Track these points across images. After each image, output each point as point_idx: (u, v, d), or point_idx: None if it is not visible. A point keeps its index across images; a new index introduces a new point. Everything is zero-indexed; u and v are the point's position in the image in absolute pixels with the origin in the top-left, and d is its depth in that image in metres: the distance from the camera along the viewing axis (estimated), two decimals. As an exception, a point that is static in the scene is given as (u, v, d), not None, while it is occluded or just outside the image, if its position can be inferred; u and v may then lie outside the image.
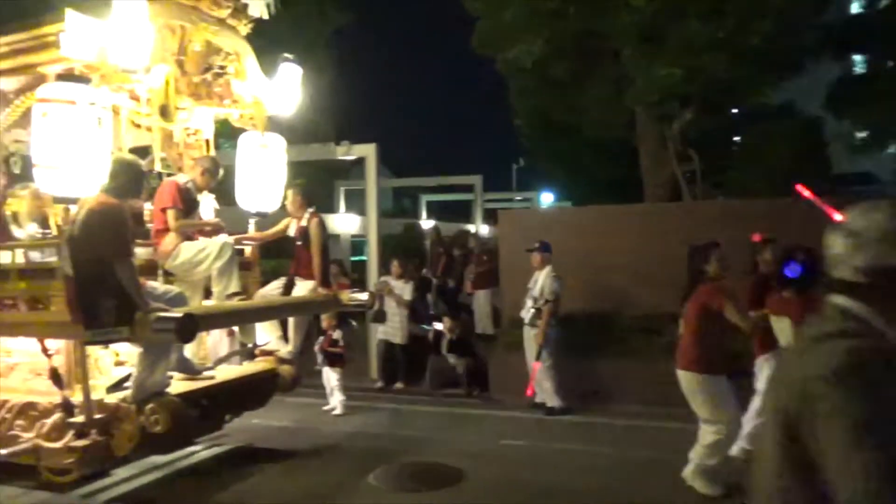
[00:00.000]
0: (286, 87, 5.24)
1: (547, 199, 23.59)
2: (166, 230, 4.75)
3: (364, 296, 5.46)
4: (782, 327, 4.34)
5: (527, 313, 6.54)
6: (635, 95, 8.91)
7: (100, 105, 3.92)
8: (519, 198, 24.61)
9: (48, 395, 4.23)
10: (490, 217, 16.19)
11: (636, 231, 7.54)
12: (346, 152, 8.48)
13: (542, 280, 6.52)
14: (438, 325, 7.61)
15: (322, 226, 5.34)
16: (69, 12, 3.83)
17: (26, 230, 4.60)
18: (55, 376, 4.06)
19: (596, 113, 10.13)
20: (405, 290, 7.64)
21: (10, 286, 4.17)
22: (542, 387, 6.51)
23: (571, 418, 6.32)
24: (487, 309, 9.32)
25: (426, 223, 18.36)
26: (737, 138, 13.77)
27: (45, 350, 4.11)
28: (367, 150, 8.29)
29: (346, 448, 5.64)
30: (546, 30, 9.03)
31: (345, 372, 6.81)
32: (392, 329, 7.57)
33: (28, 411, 4.34)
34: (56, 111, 3.80)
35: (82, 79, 3.97)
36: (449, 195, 21.08)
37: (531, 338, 6.52)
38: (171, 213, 4.74)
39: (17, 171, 4.78)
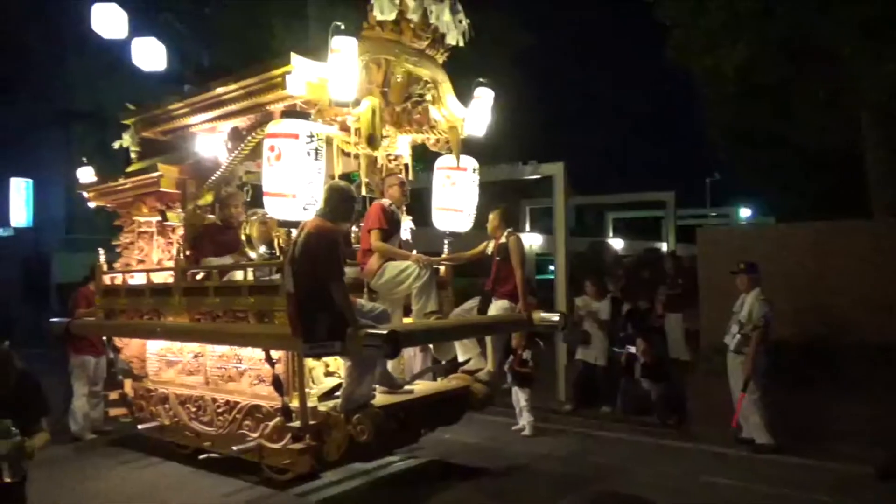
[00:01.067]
0: (479, 111, 5.36)
1: (745, 214, 21.75)
2: (372, 250, 5.04)
3: (555, 316, 5.37)
4: None
5: (732, 339, 6.01)
6: (860, 97, 7.88)
7: (317, 137, 4.30)
8: (714, 214, 22.95)
9: (270, 399, 4.69)
10: (684, 235, 15.28)
11: (862, 250, 6.61)
12: (534, 171, 8.48)
13: (749, 304, 5.96)
14: (631, 348, 7.27)
15: (521, 242, 5.37)
16: (294, 56, 4.26)
17: (258, 251, 5.16)
18: (277, 383, 4.48)
19: (808, 119, 9.13)
20: (603, 309, 7.42)
21: (243, 301, 4.71)
22: (749, 421, 5.93)
23: (782, 458, 5.67)
24: (680, 333, 8.76)
25: (614, 241, 17.82)
26: None
27: (269, 359, 4.55)
28: (555, 169, 8.22)
29: (535, 470, 5.56)
30: (750, 33, 8.34)
31: (533, 392, 6.76)
32: (592, 350, 7.38)
33: (254, 413, 4.85)
34: (282, 144, 4.24)
35: (302, 114, 4.39)
36: (637, 212, 20.25)
37: (737, 366, 5.97)
38: (374, 234, 5.03)
39: (247, 199, 5.43)
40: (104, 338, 6.48)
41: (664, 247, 15.95)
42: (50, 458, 6.16)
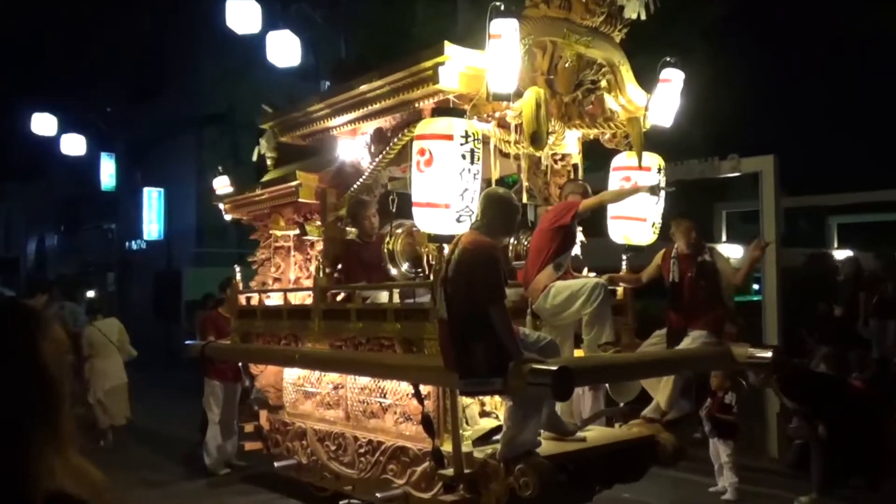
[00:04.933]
0: (666, 97, 5.19)
1: None
2: (541, 265, 5.02)
3: (767, 353, 5.03)
4: None
5: None
6: None
7: (473, 137, 4.38)
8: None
9: (418, 441, 4.80)
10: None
11: None
12: (734, 168, 8.07)
13: None
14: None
15: (724, 258, 5.15)
16: (448, 45, 4.37)
17: (401, 269, 5.34)
18: (427, 423, 4.56)
19: None
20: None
21: (388, 326, 4.88)
22: None
23: None
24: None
25: (840, 253, 16.43)
26: None
27: (417, 394, 4.65)
28: (762, 164, 7.78)
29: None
30: None
31: (737, 446, 6.39)
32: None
33: (400, 456, 4.97)
34: (433, 147, 4.36)
35: (456, 111, 4.50)
36: (872, 216, 18.51)
37: None
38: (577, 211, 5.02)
39: (393, 209, 5.63)
40: (240, 364, 7.00)
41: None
42: (182, 493, 6.78)
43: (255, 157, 6.62)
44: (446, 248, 4.38)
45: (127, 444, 8.43)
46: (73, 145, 15.45)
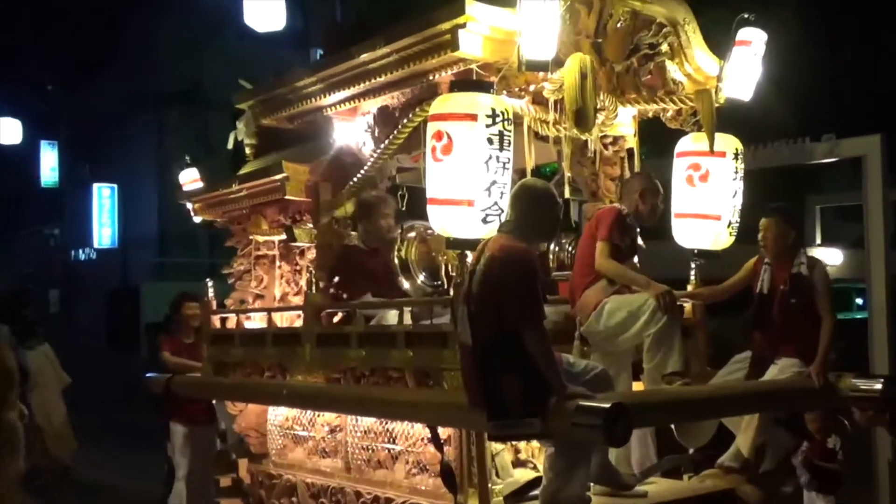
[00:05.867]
0: (744, 64, 5.18)
1: None
2: (593, 278, 5.01)
3: (876, 384, 5.00)
4: None
5: None
6: None
7: (502, 117, 4.39)
8: None
9: (436, 497, 4.79)
10: None
11: None
12: (831, 151, 8.02)
13: None
14: None
15: (827, 274, 5.12)
16: (470, 3, 4.38)
17: (417, 281, 5.35)
18: (447, 475, 4.54)
19: None
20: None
21: (398, 354, 4.88)
22: None
23: None
24: None
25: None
26: None
27: (435, 439, 4.64)
28: (867, 147, 7.70)
29: None
30: None
31: (839, 500, 6.34)
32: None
33: (414, 516, 5.00)
34: (453, 129, 4.36)
35: (481, 84, 4.50)
36: None
37: None
38: (602, 248, 4.96)
39: (403, 207, 5.65)
40: (213, 402, 7.03)
41: None
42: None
43: (230, 145, 6.66)
44: (470, 257, 4.38)
45: (71, 499, 8.51)
46: (7, 132, 15.64)
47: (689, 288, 5.57)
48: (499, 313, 4.05)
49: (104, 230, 20.87)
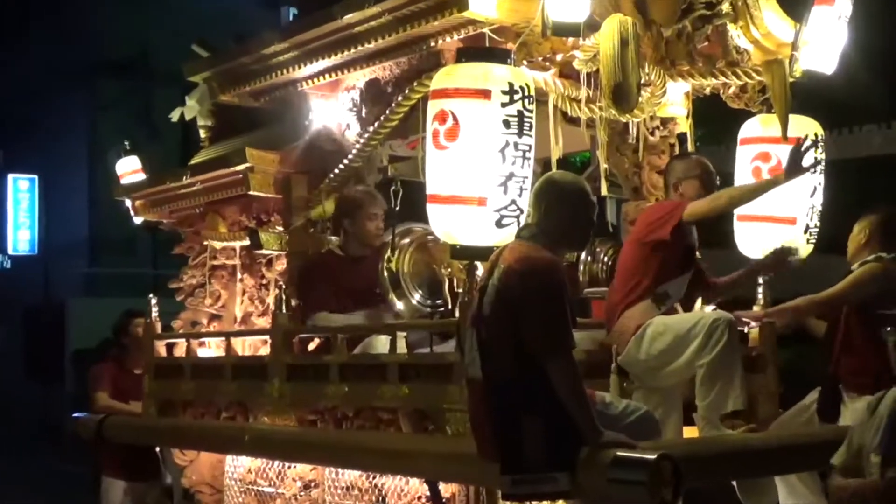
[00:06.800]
0: (826, 28, 5.17)
1: None
2: (634, 296, 5.00)
3: None
4: None
5: None
6: None
7: (522, 93, 4.37)
8: None
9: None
10: None
11: None
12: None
13: None
14: None
15: None
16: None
17: (411, 300, 5.33)
18: (452, 545, 4.57)
19: None
20: None
21: (389, 391, 4.87)
22: None
23: None
24: None
25: None
26: None
27: (436, 499, 4.65)
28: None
29: None
30: None
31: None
32: None
33: None
34: (459, 109, 4.34)
35: (495, 53, 4.49)
36: None
37: None
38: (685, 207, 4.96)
39: (395, 206, 5.62)
40: (157, 449, 7.01)
41: None
42: None
43: (174, 118, 6.65)
44: (480, 268, 4.37)
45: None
46: None
47: (756, 309, 5.55)
48: (517, 340, 4.03)
49: (21, 233, 20.85)
